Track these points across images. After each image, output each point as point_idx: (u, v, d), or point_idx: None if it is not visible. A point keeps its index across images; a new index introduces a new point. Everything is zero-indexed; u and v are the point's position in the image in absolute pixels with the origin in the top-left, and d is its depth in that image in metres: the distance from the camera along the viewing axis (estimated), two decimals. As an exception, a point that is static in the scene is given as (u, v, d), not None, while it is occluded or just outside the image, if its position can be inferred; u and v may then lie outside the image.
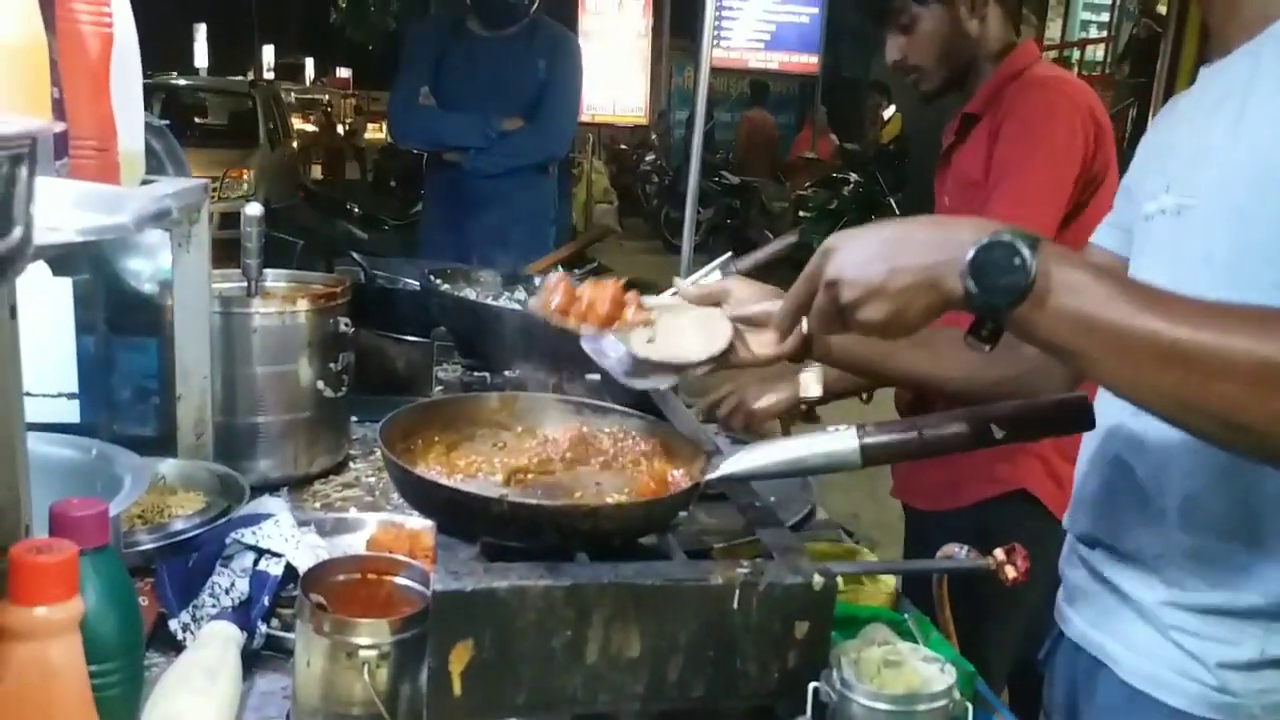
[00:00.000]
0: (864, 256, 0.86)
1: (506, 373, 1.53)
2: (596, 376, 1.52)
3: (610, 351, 1.08)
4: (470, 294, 1.79)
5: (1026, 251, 0.78)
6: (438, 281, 1.77)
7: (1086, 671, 1.09)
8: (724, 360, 1.07)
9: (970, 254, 0.80)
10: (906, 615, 1.12)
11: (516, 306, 1.82)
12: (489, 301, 1.80)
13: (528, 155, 3.03)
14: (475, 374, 1.52)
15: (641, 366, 1.06)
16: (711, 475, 1.00)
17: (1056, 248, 0.80)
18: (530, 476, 1.06)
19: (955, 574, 1.12)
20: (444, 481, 1.00)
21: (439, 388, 1.40)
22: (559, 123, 3.13)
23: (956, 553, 1.07)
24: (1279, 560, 0.93)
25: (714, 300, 1.12)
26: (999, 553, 1.02)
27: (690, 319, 1.09)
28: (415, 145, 3.26)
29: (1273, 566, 0.94)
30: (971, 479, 1.71)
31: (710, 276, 1.51)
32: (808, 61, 13.17)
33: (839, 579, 0.92)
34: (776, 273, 1.38)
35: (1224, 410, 0.75)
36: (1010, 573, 1.02)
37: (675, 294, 1.14)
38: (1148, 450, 1.01)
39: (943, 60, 1.68)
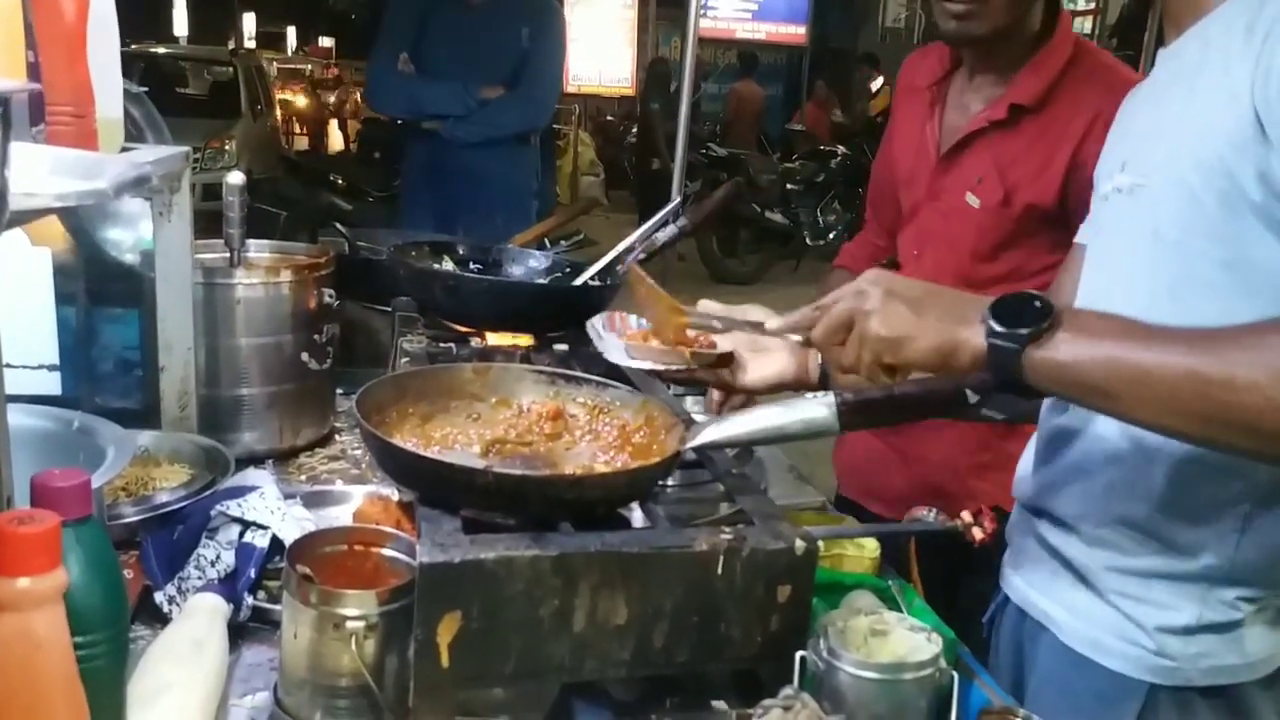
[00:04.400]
0: (900, 284, 0.93)
1: (474, 342, 1.52)
2: (564, 347, 1.53)
3: (607, 337, 1.23)
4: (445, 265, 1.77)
5: (1042, 299, 0.85)
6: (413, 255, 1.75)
7: (1030, 635, 1.11)
8: (704, 369, 1.19)
9: (991, 302, 0.87)
10: (890, 582, 1.13)
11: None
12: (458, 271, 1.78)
13: (508, 124, 3.00)
14: (441, 345, 1.51)
15: (637, 352, 1.19)
16: (691, 444, 1.00)
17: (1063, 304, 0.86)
18: (508, 447, 1.06)
19: (924, 536, 1.14)
20: (426, 453, 1.00)
21: (405, 359, 1.39)
22: (540, 92, 3.09)
23: (924, 514, 1.09)
24: (1213, 529, 0.96)
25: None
26: (966, 514, 1.05)
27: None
28: (393, 112, 3.21)
29: (1207, 535, 0.96)
30: (945, 495, 1.51)
31: (665, 230, 1.56)
32: (796, 32, 13.10)
33: (820, 544, 0.93)
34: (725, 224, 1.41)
35: (1244, 419, 0.77)
36: (978, 534, 1.04)
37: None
38: (1083, 428, 1.03)
39: (1011, 6, 1.39)
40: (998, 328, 0.85)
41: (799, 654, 0.89)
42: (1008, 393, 0.89)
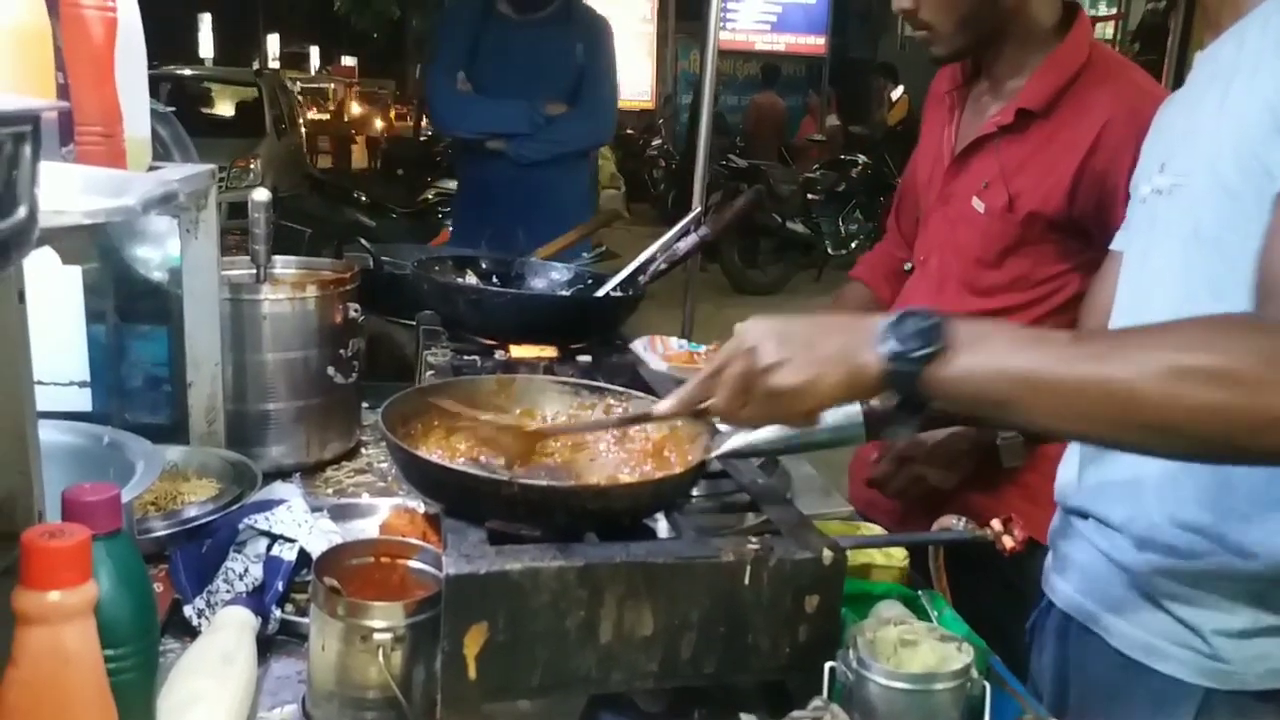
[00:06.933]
0: (785, 328, 0.88)
1: (498, 354, 1.52)
2: (588, 358, 1.53)
3: (648, 358, 1.28)
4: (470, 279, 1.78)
5: (935, 317, 0.82)
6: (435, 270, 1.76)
7: (1076, 640, 1.09)
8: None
9: (884, 324, 0.84)
10: (920, 592, 1.12)
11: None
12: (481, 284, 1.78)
13: (575, 141, 2.94)
14: (465, 357, 1.51)
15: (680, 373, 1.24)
16: (716, 453, 1.00)
17: (957, 316, 0.83)
18: (532, 458, 1.06)
19: (953, 545, 1.12)
20: (452, 465, 1.00)
21: (430, 372, 1.39)
22: (604, 106, 3.02)
23: (954, 524, 1.08)
24: (1267, 528, 0.93)
25: None
26: (996, 523, 1.03)
27: None
28: (462, 133, 3.08)
29: (1261, 534, 0.94)
30: (952, 511, 1.54)
31: (687, 239, 1.55)
32: (815, 43, 13.11)
33: (848, 553, 0.92)
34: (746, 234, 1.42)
35: (1150, 419, 0.76)
36: (1008, 542, 1.03)
37: None
38: None
39: (961, 26, 1.40)
40: (894, 347, 0.82)
41: (828, 665, 0.88)
42: (912, 412, 0.88)
